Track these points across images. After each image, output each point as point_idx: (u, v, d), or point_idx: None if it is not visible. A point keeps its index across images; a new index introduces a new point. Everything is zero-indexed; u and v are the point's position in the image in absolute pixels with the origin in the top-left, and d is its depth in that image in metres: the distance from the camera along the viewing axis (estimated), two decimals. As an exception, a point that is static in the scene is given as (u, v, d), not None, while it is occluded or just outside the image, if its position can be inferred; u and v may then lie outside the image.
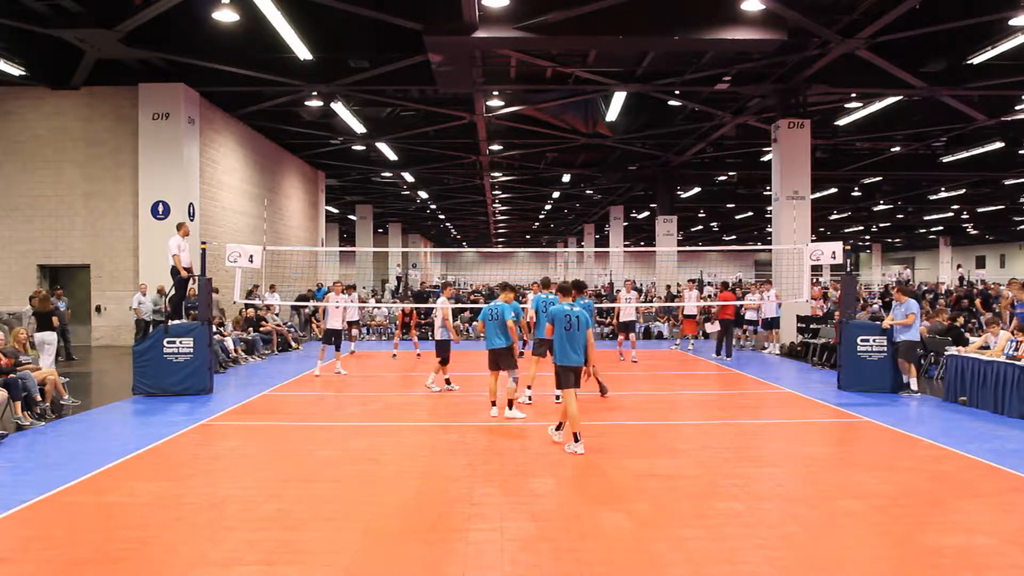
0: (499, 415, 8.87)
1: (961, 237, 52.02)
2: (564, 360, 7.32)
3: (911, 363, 10.80)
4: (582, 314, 7.42)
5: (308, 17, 13.32)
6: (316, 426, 8.76)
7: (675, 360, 15.78)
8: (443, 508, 5.50)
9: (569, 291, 7.74)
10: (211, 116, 18.35)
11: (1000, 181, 28.62)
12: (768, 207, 21.34)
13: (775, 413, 9.71)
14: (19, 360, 8.80)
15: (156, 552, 4.66)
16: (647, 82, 16.29)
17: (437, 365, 10.91)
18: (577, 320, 7.35)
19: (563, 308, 7.44)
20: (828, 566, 4.48)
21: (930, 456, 7.14)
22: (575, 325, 7.32)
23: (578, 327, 7.33)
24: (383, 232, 49.65)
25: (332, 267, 31.28)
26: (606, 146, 23.78)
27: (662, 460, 6.99)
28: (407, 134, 22.23)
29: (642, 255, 50.74)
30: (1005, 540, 4.88)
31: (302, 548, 4.70)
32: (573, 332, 7.31)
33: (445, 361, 10.86)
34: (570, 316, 7.35)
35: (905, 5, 11.70)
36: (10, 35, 14.21)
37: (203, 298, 10.94)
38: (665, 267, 28.79)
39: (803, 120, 16.75)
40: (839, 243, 11.45)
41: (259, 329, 16.43)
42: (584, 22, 12.33)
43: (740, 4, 12.03)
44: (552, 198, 36.63)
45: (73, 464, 6.67)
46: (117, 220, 17.03)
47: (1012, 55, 14.20)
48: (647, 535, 4.95)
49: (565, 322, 7.32)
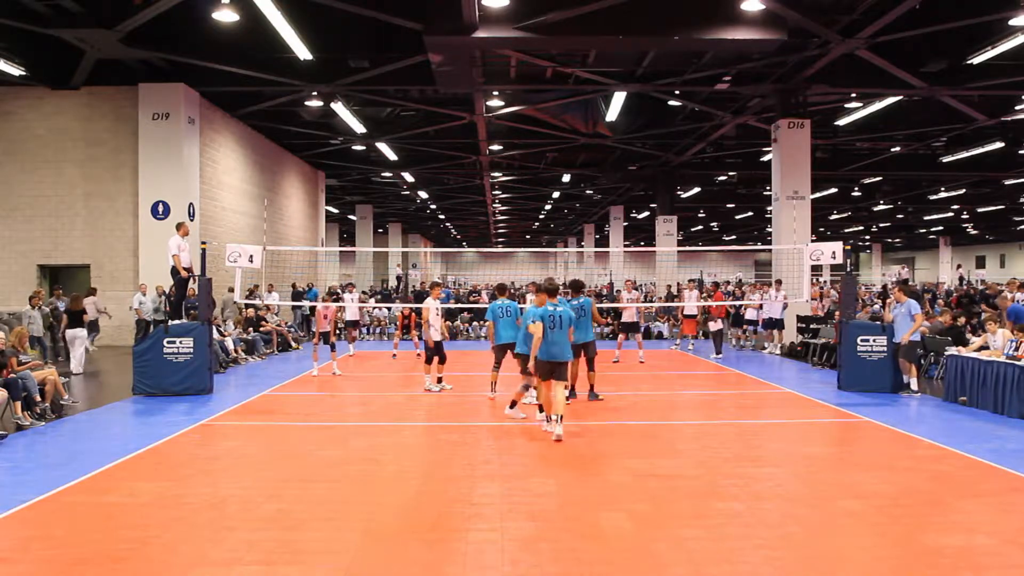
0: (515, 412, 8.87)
1: (961, 237, 52.02)
2: (546, 356, 7.82)
3: (911, 363, 10.79)
4: (565, 313, 7.95)
5: (308, 17, 13.32)
6: (316, 426, 8.76)
7: (675, 360, 15.79)
8: (443, 508, 5.50)
9: (554, 292, 8.18)
10: (211, 116, 18.35)
11: (1000, 181, 28.62)
12: (768, 207, 21.35)
13: (775, 413, 9.71)
14: (20, 360, 8.81)
15: (156, 552, 4.66)
16: (647, 82, 16.29)
17: (427, 365, 10.91)
18: (560, 319, 7.89)
19: (545, 309, 7.92)
20: (828, 566, 4.48)
21: (930, 456, 7.14)
22: (558, 324, 7.88)
23: (560, 325, 7.88)
24: (383, 232, 49.66)
25: (332, 267, 31.29)
26: (606, 146, 23.77)
27: (662, 460, 6.99)
28: (407, 134, 22.23)
29: (642, 255, 50.75)
30: (1005, 540, 4.88)
31: (302, 548, 4.70)
32: (556, 331, 7.86)
33: (442, 360, 10.87)
34: (553, 316, 7.88)
35: (905, 5, 11.70)
36: (10, 35, 14.21)
37: (203, 298, 10.94)
38: (665, 267, 28.79)
39: (803, 120, 16.75)
40: (839, 243, 11.44)
41: (259, 329, 16.43)
42: (584, 22, 12.33)
43: (740, 4, 12.02)
44: (552, 198, 36.63)
45: (73, 464, 6.67)
46: (117, 220, 17.03)
47: (1012, 55, 14.20)
48: (647, 535, 4.95)
49: (549, 321, 7.84)
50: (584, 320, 9.84)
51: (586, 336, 9.87)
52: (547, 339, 7.83)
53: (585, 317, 9.86)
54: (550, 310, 7.92)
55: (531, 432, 8.10)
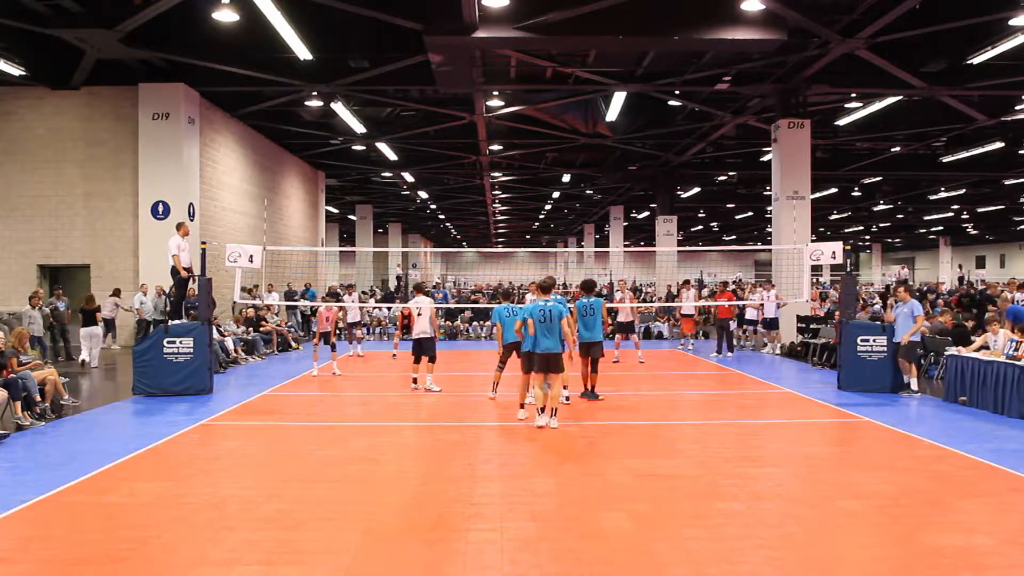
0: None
1: (961, 237, 52.02)
2: (535, 347, 8.27)
3: (912, 363, 10.79)
4: (555, 307, 8.32)
5: (308, 17, 13.32)
6: (316, 426, 8.76)
7: (675, 360, 15.78)
8: (443, 508, 5.50)
9: (548, 289, 8.70)
10: (211, 116, 18.35)
11: (1000, 181, 28.62)
12: (768, 207, 21.34)
13: (775, 413, 9.71)
14: (20, 360, 8.81)
15: (156, 552, 4.66)
16: (647, 82, 16.28)
17: (429, 365, 10.93)
18: (550, 313, 8.28)
19: (537, 304, 8.40)
20: (828, 566, 4.48)
21: (930, 456, 7.14)
22: (548, 317, 8.27)
23: (551, 319, 8.26)
24: (383, 232, 49.65)
25: (332, 267, 31.27)
26: (606, 146, 23.77)
27: (662, 460, 6.99)
28: (407, 134, 22.22)
29: (642, 255, 50.76)
30: (1005, 540, 4.88)
31: (302, 548, 4.70)
32: (547, 323, 8.26)
33: (432, 359, 10.93)
34: (544, 310, 8.28)
35: (905, 5, 11.69)
36: (10, 35, 14.20)
37: (203, 298, 10.94)
38: (665, 267, 28.78)
39: (803, 120, 16.74)
40: (839, 243, 11.43)
41: (259, 329, 16.43)
42: (584, 22, 12.32)
43: (740, 4, 12.01)
44: (552, 198, 36.63)
45: (73, 464, 6.67)
46: (117, 220, 17.02)
47: (1012, 55, 14.19)
48: (647, 535, 4.95)
49: (540, 315, 8.26)
50: (592, 319, 9.93)
51: (595, 336, 9.95)
52: (538, 333, 8.24)
53: (594, 316, 9.95)
54: (541, 304, 8.35)
55: (531, 432, 8.10)
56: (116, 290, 16.35)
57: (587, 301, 10.02)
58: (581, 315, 9.98)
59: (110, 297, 16.22)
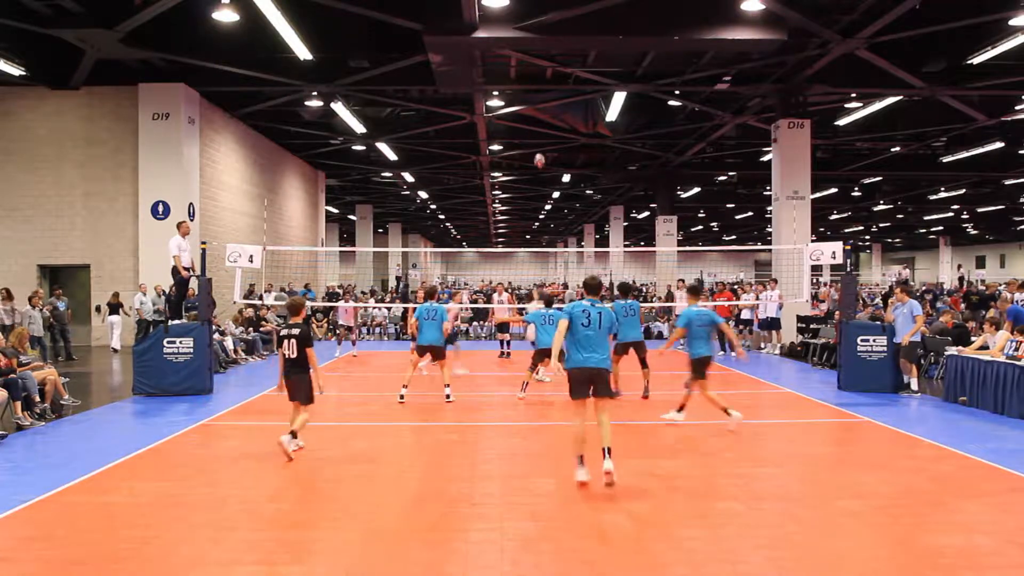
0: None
1: (961, 237, 52.02)
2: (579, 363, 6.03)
3: (912, 363, 10.79)
4: (606, 311, 6.16)
5: (308, 17, 13.31)
6: (316, 426, 8.74)
7: (675, 360, 15.74)
8: (443, 508, 5.49)
9: (596, 289, 6.35)
10: (211, 116, 18.35)
11: (1000, 181, 28.63)
12: (768, 207, 21.34)
13: (775, 413, 9.71)
14: (20, 360, 8.81)
15: (156, 552, 4.66)
16: (647, 82, 16.28)
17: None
18: (599, 318, 6.05)
19: (579, 304, 6.20)
20: (828, 566, 4.48)
21: (930, 456, 7.14)
22: (595, 321, 6.03)
23: (599, 324, 6.04)
24: (383, 232, 49.64)
25: (332, 267, 31.25)
26: (606, 146, 23.77)
27: (662, 460, 6.99)
28: (407, 134, 22.23)
29: (642, 255, 50.74)
30: (1005, 540, 4.87)
31: (302, 548, 4.70)
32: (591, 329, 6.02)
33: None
34: (589, 312, 6.04)
35: (905, 5, 11.69)
36: (10, 35, 14.19)
37: (203, 298, 10.94)
38: (665, 267, 28.78)
39: (803, 120, 16.75)
40: (839, 243, 11.43)
41: (259, 329, 16.42)
42: (584, 22, 12.32)
43: (740, 4, 12.01)
44: (552, 198, 36.63)
45: (73, 464, 6.66)
46: (117, 220, 17.03)
47: (1012, 55, 14.18)
48: (647, 535, 4.95)
49: (584, 318, 6.03)
50: (633, 319, 10.26)
51: (637, 335, 10.40)
52: (579, 343, 6.01)
53: (634, 316, 10.30)
54: (586, 305, 6.11)
55: (531, 432, 8.09)
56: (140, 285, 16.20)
57: (625, 303, 10.28)
58: (621, 316, 9.88)
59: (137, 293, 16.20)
